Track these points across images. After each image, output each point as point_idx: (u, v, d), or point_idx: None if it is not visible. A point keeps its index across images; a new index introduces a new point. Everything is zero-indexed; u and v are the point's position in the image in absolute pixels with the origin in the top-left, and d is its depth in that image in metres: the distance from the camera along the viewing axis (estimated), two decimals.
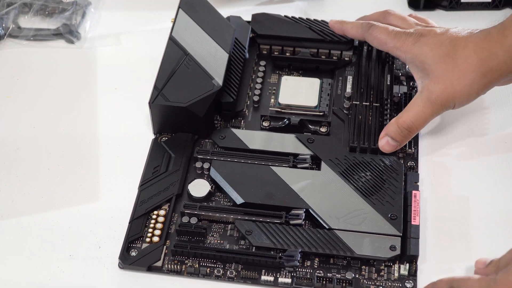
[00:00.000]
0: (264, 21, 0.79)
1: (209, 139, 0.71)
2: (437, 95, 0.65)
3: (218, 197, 0.67)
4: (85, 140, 0.73)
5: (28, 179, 0.69)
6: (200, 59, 0.71)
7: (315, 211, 0.64)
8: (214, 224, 0.65)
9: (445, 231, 0.65)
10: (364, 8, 0.79)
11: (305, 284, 0.61)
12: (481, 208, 0.66)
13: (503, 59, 0.64)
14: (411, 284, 0.61)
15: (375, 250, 0.62)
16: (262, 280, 0.61)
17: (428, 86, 0.66)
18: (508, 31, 0.64)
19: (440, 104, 0.66)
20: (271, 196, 0.65)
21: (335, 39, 0.77)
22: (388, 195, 0.65)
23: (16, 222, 0.66)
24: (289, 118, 0.72)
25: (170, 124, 0.71)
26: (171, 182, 0.67)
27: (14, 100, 0.77)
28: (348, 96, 0.74)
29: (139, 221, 0.65)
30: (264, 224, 0.64)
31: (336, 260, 0.63)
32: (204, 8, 0.77)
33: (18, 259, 0.64)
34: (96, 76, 0.79)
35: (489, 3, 0.83)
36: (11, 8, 0.83)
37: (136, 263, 0.62)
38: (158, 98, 0.68)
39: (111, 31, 0.83)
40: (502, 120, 0.73)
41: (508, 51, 0.63)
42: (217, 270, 0.62)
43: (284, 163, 0.68)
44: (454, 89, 0.65)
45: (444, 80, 0.65)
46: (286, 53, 0.78)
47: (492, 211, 0.66)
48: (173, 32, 0.74)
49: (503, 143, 0.71)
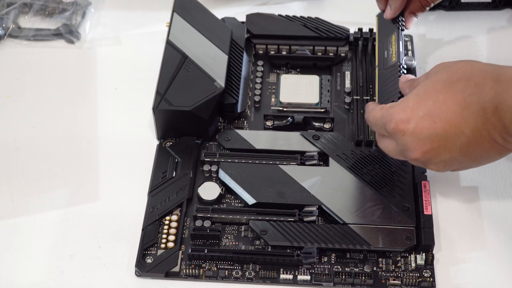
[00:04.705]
0: (259, 21, 0.79)
1: (214, 142, 0.71)
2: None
3: (228, 199, 0.67)
4: (85, 140, 0.73)
5: (28, 179, 0.69)
6: (200, 62, 0.71)
7: (328, 207, 0.64)
8: (227, 226, 0.65)
9: (456, 220, 0.66)
10: (363, 8, 0.79)
11: (325, 280, 0.61)
12: (489, 196, 0.67)
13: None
14: (428, 274, 0.61)
15: (391, 242, 0.62)
16: (281, 279, 0.62)
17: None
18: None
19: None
20: (282, 195, 0.65)
21: (330, 36, 0.78)
22: (398, 187, 0.66)
23: (16, 222, 0.66)
24: (292, 116, 0.72)
25: (174, 129, 0.70)
26: (180, 187, 0.67)
27: (14, 100, 0.76)
28: (348, 91, 0.75)
29: (152, 228, 0.64)
30: (278, 223, 0.64)
31: (352, 254, 0.63)
32: (198, 10, 0.77)
33: (18, 259, 0.63)
34: (96, 76, 0.78)
35: (489, 3, 0.83)
36: (11, 8, 0.83)
37: (153, 270, 0.62)
38: (162, 103, 0.68)
39: (111, 31, 0.83)
40: None
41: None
42: (236, 271, 0.62)
43: (292, 161, 0.68)
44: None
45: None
46: (282, 51, 0.78)
47: (503, 199, 0.67)
48: (169, 36, 0.74)
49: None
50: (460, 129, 0.55)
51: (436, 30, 0.82)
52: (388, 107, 0.59)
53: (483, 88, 0.54)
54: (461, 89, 0.55)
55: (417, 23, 0.83)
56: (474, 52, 0.80)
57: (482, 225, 0.65)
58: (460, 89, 0.55)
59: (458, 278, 0.62)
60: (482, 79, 0.54)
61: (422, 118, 0.56)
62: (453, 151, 0.56)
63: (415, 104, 0.57)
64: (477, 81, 0.55)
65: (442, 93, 0.56)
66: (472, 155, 0.56)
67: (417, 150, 0.57)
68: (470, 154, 0.56)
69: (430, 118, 0.56)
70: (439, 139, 0.56)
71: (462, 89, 0.55)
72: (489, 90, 0.53)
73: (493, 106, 0.53)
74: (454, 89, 0.55)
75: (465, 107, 0.54)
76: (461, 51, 0.80)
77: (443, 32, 0.82)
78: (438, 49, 0.80)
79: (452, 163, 0.58)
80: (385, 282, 0.61)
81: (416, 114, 0.56)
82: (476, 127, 0.54)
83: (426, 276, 0.61)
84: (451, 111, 0.55)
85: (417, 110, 0.56)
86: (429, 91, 0.57)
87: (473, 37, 0.82)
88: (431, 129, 0.56)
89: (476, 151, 0.56)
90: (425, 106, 0.56)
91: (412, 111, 0.57)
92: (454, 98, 0.55)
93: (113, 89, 0.77)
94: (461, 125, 0.55)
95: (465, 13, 0.84)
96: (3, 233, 0.65)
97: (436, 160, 0.57)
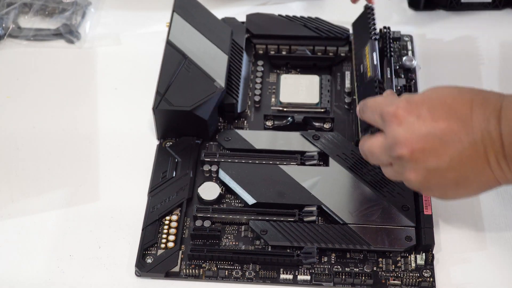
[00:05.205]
0: (259, 21, 0.79)
1: (214, 142, 0.71)
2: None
3: (228, 199, 0.67)
4: (85, 140, 0.73)
5: (28, 179, 0.69)
6: (200, 62, 0.71)
7: (327, 207, 0.64)
8: (227, 226, 0.65)
9: (456, 220, 0.66)
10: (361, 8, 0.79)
11: (325, 280, 0.61)
12: (489, 196, 0.67)
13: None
14: (428, 273, 0.61)
15: (391, 242, 0.62)
16: (281, 279, 0.62)
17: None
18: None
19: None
20: (282, 195, 0.65)
21: (330, 36, 0.78)
22: (398, 187, 0.66)
23: (16, 222, 0.66)
24: (292, 116, 0.72)
25: (174, 129, 0.70)
26: (180, 187, 0.67)
27: (14, 100, 0.76)
28: (348, 91, 0.75)
29: (152, 228, 0.64)
30: (278, 223, 0.64)
31: (352, 254, 0.63)
32: (198, 10, 0.77)
33: (18, 259, 0.63)
34: (96, 76, 0.78)
35: (489, 3, 0.84)
36: (11, 8, 0.83)
37: (153, 270, 0.62)
38: (162, 103, 0.68)
39: (111, 31, 0.83)
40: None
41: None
42: (236, 271, 0.62)
43: (292, 161, 0.68)
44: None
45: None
46: (282, 51, 0.78)
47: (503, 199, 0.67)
48: (169, 36, 0.74)
49: None
50: (458, 137, 0.52)
51: (436, 30, 0.82)
52: (391, 93, 0.57)
53: (490, 101, 0.52)
54: (469, 98, 0.53)
55: (417, 23, 0.83)
56: (474, 52, 0.80)
57: (482, 225, 0.65)
58: (468, 97, 0.53)
59: (458, 278, 0.62)
60: (489, 93, 0.54)
61: (425, 115, 0.53)
62: (443, 159, 0.52)
63: (420, 99, 0.54)
64: (484, 95, 0.53)
65: (449, 98, 0.54)
66: (458, 171, 0.53)
67: (407, 146, 0.53)
68: (457, 169, 0.53)
69: (433, 116, 0.53)
70: (434, 140, 0.53)
71: (471, 98, 0.53)
72: (495, 101, 0.52)
73: (496, 119, 0.51)
74: (462, 96, 0.53)
75: (470, 118, 0.52)
76: (461, 51, 0.80)
77: (443, 32, 0.82)
78: (438, 49, 0.80)
79: (433, 174, 0.54)
80: (385, 282, 0.61)
81: (421, 108, 0.54)
82: (474, 141, 0.52)
83: (426, 276, 0.61)
84: (455, 117, 0.53)
85: (422, 105, 0.54)
86: (436, 92, 0.55)
87: (473, 37, 0.82)
88: (430, 127, 0.53)
89: (465, 168, 0.53)
90: (430, 104, 0.54)
91: (416, 105, 0.54)
92: (462, 104, 0.53)
93: (113, 89, 0.77)
94: (461, 133, 0.52)
95: (465, 13, 0.84)
96: (3, 233, 0.65)
97: (420, 165, 0.54)
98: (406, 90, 0.73)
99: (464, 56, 0.80)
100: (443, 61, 0.79)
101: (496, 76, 0.77)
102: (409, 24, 0.83)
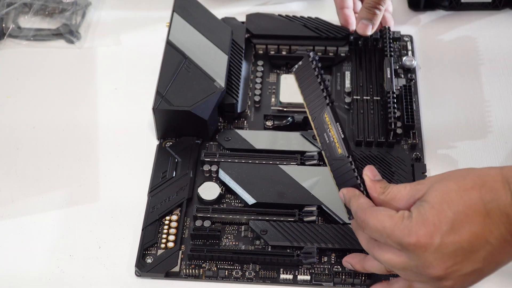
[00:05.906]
0: (259, 21, 0.79)
1: (214, 142, 0.71)
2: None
3: (228, 199, 0.67)
4: (85, 140, 0.73)
5: (28, 179, 0.69)
6: (200, 62, 0.71)
7: (327, 207, 0.64)
8: (227, 226, 0.65)
9: None
10: None
11: (325, 280, 0.61)
12: None
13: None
14: None
15: None
16: (281, 279, 0.62)
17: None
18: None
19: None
20: (282, 195, 0.65)
21: (330, 36, 0.78)
22: None
23: (16, 222, 0.66)
24: (293, 116, 0.72)
25: (174, 129, 0.70)
26: (180, 187, 0.67)
27: (14, 100, 0.76)
28: (348, 92, 0.75)
29: (152, 228, 0.64)
30: (278, 223, 0.64)
31: None
32: (198, 10, 0.77)
33: (18, 259, 0.64)
34: (96, 76, 0.78)
35: (489, 3, 0.83)
36: (11, 8, 0.83)
37: (153, 270, 0.62)
38: (162, 103, 0.68)
39: (111, 31, 0.83)
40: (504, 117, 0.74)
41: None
42: (236, 271, 0.62)
43: (292, 161, 0.68)
44: None
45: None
46: (282, 51, 0.78)
47: None
48: (169, 36, 0.74)
49: (504, 144, 0.72)
50: (485, 239, 0.52)
51: (436, 30, 0.82)
52: (400, 217, 0.54)
53: (499, 192, 0.52)
54: (478, 197, 0.52)
55: (417, 23, 0.83)
56: (474, 52, 0.80)
57: None
58: (477, 197, 0.52)
59: None
60: (494, 182, 0.52)
61: (447, 233, 0.52)
62: (477, 262, 0.52)
63: (435, 217, 0.52)
64: (491, 185, 0.52)
65: (460, 204, 0.52)
66: (494, 263, 0.53)
67: (440, 266, 0.52)
68: (492, 262, 0.53)
69: (455, 232, 0.52)
70: (464, 252, 0.52)
71: (479, 196, 0.52)
72: (505, 194, 0.52)
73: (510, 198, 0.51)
74: (470, 198, 0.52)
75: (486, 216, 0.52)
76: (461, 51, 0.80)
77: (443, 32, 0.82)
78: (438, 49, 0.80)
79: (472, 275, 0.53)
80: None
81: (440, 228, 0.52)
82: (500, 234, 0.52)
83: None
84: (475, 222, 0.52)
85: (440, 225, 0.52)
86: (444, 202, 0.53)
87: (473, 37, 0.82)
88: (456, 243, 0.52)
89: (500, 258, 0.53)
90: (446, 219, 0.52)
91: (434, 226, 0.52)
92: (474, 208, 0.52)
93: (113, 89, 0.77)
94: (486, 235, 0.52)
95: (465, 13, 0.84)
96: (3, 233, 0.65)
97: (457, 274, 0.53)
98: (406, 90, 0.73)
99: (464, 56, 0.80)
100: (443, 61, 0.79)
101: (496, 76, 0.77)
102: (409, 24, 0.83)
